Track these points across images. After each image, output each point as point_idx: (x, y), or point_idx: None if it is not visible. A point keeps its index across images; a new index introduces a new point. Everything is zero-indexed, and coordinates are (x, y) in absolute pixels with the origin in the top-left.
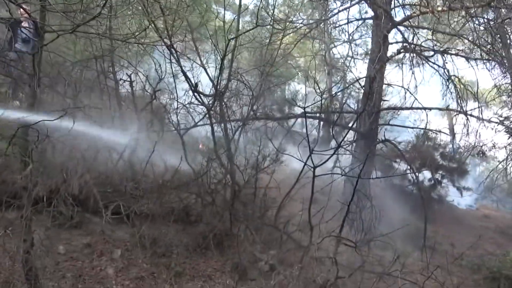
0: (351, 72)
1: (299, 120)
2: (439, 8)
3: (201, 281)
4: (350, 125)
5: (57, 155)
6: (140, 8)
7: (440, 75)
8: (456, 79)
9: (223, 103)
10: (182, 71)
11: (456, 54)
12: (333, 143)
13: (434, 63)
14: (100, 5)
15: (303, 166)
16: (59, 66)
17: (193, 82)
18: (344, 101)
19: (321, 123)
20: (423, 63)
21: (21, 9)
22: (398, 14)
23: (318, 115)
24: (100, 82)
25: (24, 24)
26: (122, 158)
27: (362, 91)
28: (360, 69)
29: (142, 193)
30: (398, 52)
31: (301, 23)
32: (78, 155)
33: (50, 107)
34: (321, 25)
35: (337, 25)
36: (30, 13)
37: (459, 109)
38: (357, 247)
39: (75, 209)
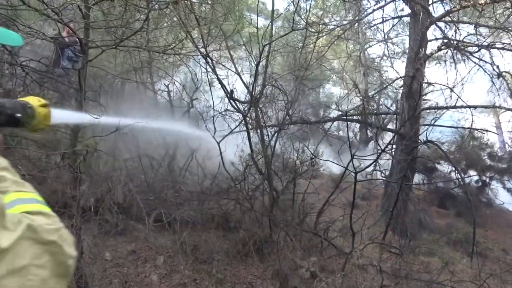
0: (387, 72)
1: (335, 123)
2: (482, 1)
3: None
4: (388, 127)
5: (102, 165)
6: (176, 19)
7: (485, 71)
8: (508, 75)
9: (258, 109)
10: (218, 79)
11: (503, 48)
12: (370, 146)
13: (480, 59)
14: (138, 19)
15: (344, 171)
16: (101, 79)
17: (228, 89)
18: (381, 102)
19: (358, 125)
20: (466, 59)
21: (67, 28)
22: (437, 10)
23: (358, 118)
24: (139, 93)
25: (69, 41)
26: (163, 166)
27: (401, 91)
28: (397, 69)
29: (183, 200)
30: (439, 49)
31: (335, 24)
32: (121, 165)
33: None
34: (355, 25)
35: (371, 25)
36: (75, 31)
37: (507, 106)
38: (402, 254)
39: (120, 217)
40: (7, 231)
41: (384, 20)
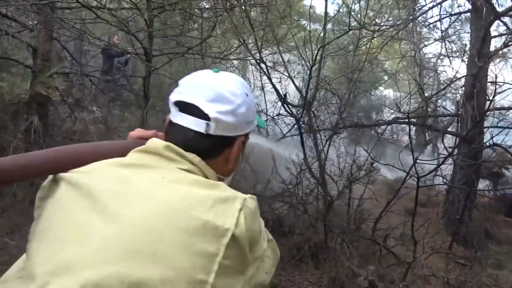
0: (445, 72)
1: (389, 127)
2: None
3: None
4: (448, 129)
5: None
6: (229, 25)
7: None
8: None
9: (311, 113)
10: (272, 83)
11: None
12: (427, 150)
13: None
14: (196, 28)
15: (406, 176)
16: (159, 87)
17: (281, 93)
18: (439, 104)
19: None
20: None
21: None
22: (501, 4)
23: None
24: None
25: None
26: None
27: (461, 91)
28: (457, 68)
29: None
30: (505, 45)
31: (389, 24)
32: None
33: (155, 127)
34: (409, 24)
35: (427, 23)
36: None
37: None
38: (471, 265)
39: None
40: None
41: (442, 17)
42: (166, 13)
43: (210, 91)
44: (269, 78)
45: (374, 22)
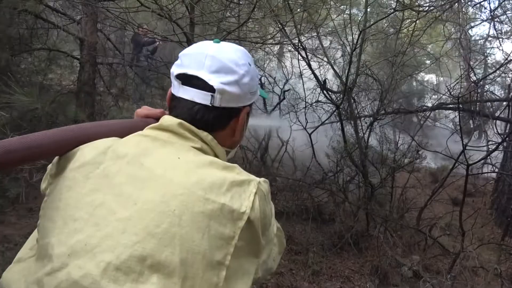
0: (494, 55)
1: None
2: None
3: (339, 282)
4: (497, 115)
5: None
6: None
7: None
8: None
9: (352, 99)
10: (311, 69)
11: None
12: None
13: None
14: (235, 15)
15: (454, 163)
16: None
17: (320, 79)
18: (486, 88)
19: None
20: None
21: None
22: None
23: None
24: None
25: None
26: (257, 158)
27: (511, 75)
28: (506, 50)
29: (276, 191)
30: None
31: (432, 5)
32: None
33: None
34: (455, 5)
35: (474, 3)
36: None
37: None
38: None
39: None
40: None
41: None
42: None
43: (213, 62)
44: (309, 64)
45: (417, 3)
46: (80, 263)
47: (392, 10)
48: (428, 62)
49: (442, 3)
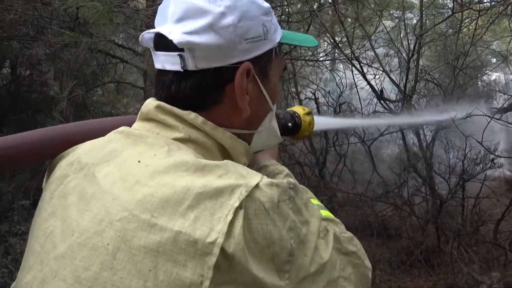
0: None
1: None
2: None
3: None
4: None
5: None
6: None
7: None
8: None
9: (412, 107)
10: (366, 80)
11: None
12: None
13: None
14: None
15: None
16: None
17: (377, 89)
18: None
19: None
20: None
21: None
22: None
23: None
24: (288, 104)
25: None
26: (315, 173)
27: None
28: None
29: (337, 206)
30: None
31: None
32: None
33: None
34: None
35: None
36: None
37: None
38: None
39: None
40: (323, 240)
41: None
42: None
43: (177, 7)
44: (364, 75)
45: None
46: None
47: (450, 12)
48: (494, 60)
49: None
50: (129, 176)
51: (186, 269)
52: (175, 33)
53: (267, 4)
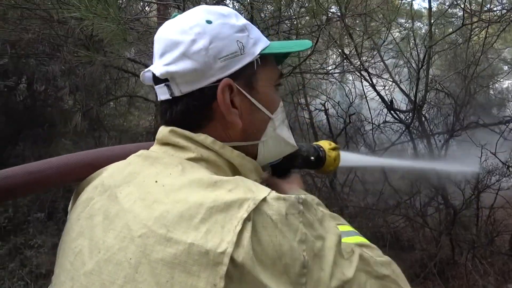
0: None
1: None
2: None
3: None
4: None
5: None
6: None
7: None
8: None
9: (422, 117)
10: (376, 91)
11: None
12: None
13: None
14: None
15: None
16: None
17: (387, 100)
18: None
19: None
20: None
21: None
22: None
23: None
24: (297, 115)
25: None
26: (325, 184)
27: None
28: None
29: (349, 218)
30: None
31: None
32: None
33: None
34: None
35: None
36: None
37: None
38: None
39: None
40: (347, 260)
41: None
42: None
43: (159, 44)
44: (373, 86)
45: (486, 8)
46: None
47: (460, 23)
48: (505, 68)
49: None
50: (147, 195)
51: (200, 280)
52: (158, 67)
53: (242, 22)
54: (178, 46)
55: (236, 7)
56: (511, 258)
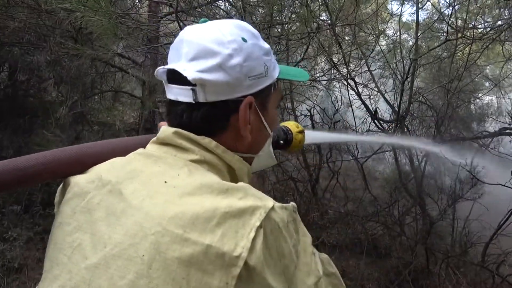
0: None
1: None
2: None
3: None
4: None
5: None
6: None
7: None
8: None
9: (405, 127)
10: (361, 99)
11: None
12: None
13: None
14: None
15: None
16: None
17: (371, 109)
18: None
19: None
20: None
21: None
22: None
23: None
24: (283, 119)
25: None
26: (307, 189)
27: None
28: None
29: (328, 224)
30: None
31: (490, 26)
32: (267, 188)
33: None
34: None
35: None
36: None
37: None
38: None
39: None
40: (316, 258)
41: None
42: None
43: (190, 47)
44: (358, 95)
45: (471, 25)
46: None
47: (443, 38)
48: (487, 84)
49: (500, 23)
50: (157, 194)
51: (214, 278)
52: (189, 70)
53: (267, 46)
54: (215, 56)
55: (228, 8)
56: (483, 270)
